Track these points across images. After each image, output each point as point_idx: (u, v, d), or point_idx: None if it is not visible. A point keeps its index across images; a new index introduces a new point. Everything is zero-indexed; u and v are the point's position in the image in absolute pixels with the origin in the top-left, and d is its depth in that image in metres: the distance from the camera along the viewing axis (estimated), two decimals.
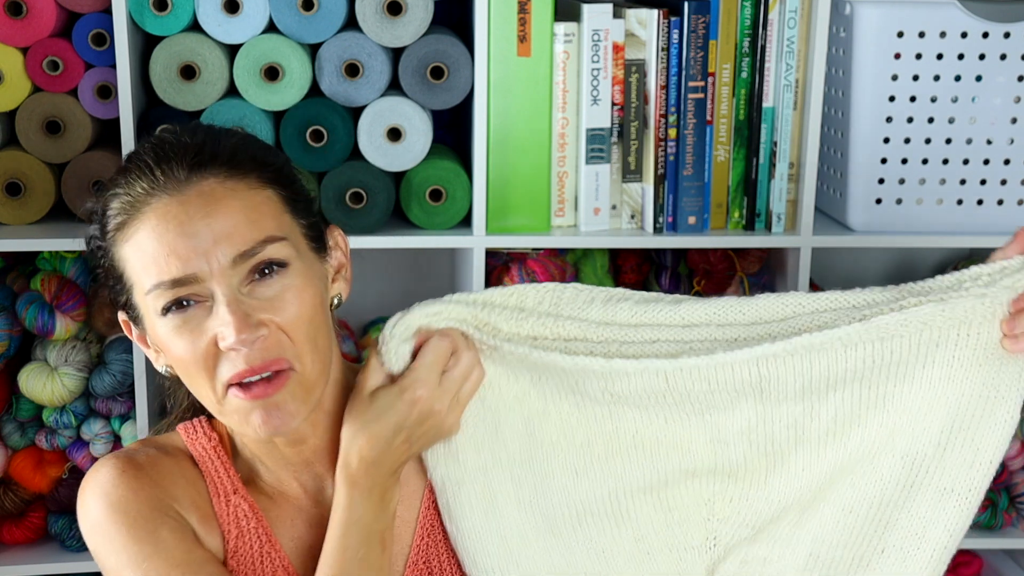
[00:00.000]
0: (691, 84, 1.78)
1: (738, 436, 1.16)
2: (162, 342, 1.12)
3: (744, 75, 1.80)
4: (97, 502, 1.16)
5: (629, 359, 1.12)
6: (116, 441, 1.88)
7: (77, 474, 1.90)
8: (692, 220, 1.83)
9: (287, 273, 1.11)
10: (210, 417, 1.25)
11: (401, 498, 1.22)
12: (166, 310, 1.09)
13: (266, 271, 1.10)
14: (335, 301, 1.21)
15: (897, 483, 1.17)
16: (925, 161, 1.85)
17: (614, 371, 1.13)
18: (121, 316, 1.18)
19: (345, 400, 1.20)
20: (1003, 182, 1.87)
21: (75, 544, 1.90)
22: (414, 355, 1.14)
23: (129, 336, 1.20)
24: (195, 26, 1.73)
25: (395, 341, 1.14)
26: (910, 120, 1.83)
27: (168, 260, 1.08)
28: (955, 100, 1.83)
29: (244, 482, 1.22)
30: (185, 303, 1.09)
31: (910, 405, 1.15)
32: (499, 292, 1.17)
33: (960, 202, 1.87)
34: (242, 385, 1.09)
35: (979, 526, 2.05)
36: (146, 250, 1.09)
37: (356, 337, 2.10)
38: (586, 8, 1.75)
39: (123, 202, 1.11)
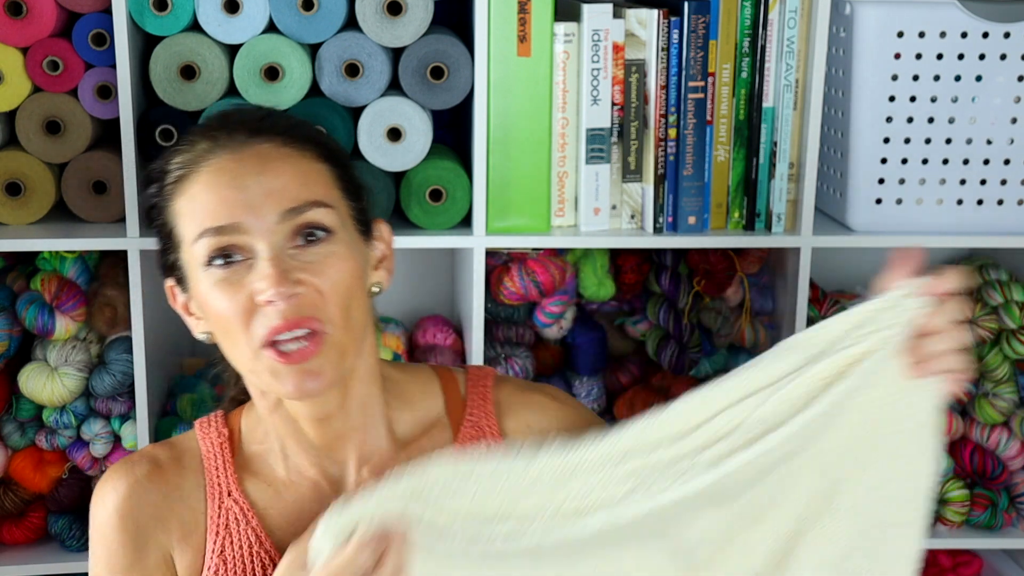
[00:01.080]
0: (691, 84, 1.78)
1: (699, 542, 1.13)
2: (202, 298, 1.14)
3: (744, 75, 1.80)
4: (107, 503, 1.21)
5: (572, 517, 1.10)
6: (116, 441, 1.88)
7: (77, 474, 1.90)
8: (692, 220, 1.83)
9: (331, 240, 1.13)
10: (227, 412, 1.29)
11: None
12: (210, 260, 1.11)
13: (311, 237, 1.12)
14: (375, 289, 1.22)
15: (847, 534, 1.16)
16: (925, 161, 1.85)
17: (556, 546, 1.09)
18: (168, 283, 1.21)
19: (377, 394, 1.21)
20: (1003, 182, 1.87)
21: (75, 544, 1.90)
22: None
23: (173, 305, 1.22)
24: (195, 26, 1.73)
25: (324, 538, 1.07)
26: (910, 120, 1.83)
27: (217, 209, 1.11)
28: (955, 100, 1.83)
29: (250, 473, 1.24)
30: (228, 257, 1.11)
31: (840, 461, 1.13)
32: (427, 480, 1.10)
33: (960, 202, 1.87)
34: (278, 349, 1.10)
35: (979, 526, 2.05)
36: (197, 199, 1.13)
37: None
38: (586, 8, 1.75)
39: (183, 158, 1.15)
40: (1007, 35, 1.81)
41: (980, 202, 1.87)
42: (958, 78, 1.82)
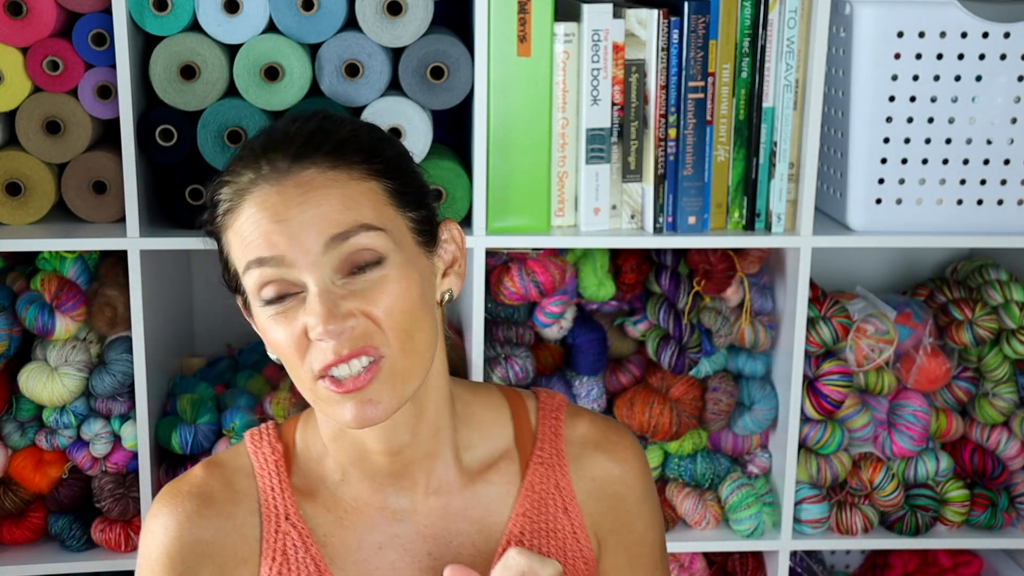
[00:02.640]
0: (691, 84, 1.78)
1: None
2: (262, 328, 1.13)
3: (744, 75, 1.80)
4: (156, 540, 1.18)
5: None
6: (116, 441, 1.88)
7: (77, 474, 1.90)
8: (692, 220, 1.83)
9: (383, 265, 1.10)
10: (277, 423, 1.26)
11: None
12: (264, 299, 1.11)
13: (362, 268, 1.10)
14: (446, 296, 1.18)
15: None
16: (925, 161, 1.85)
17: None
18: (239, 300, 1.20)
19: (448, 418, 1.18)
20: (1003, 182, 1.87)
21: (75, 544, 1.90)
22: None
23: (248, 319, 1.20)
24: (195, 26, 1.73)
25: None
26: (910, 120, 1.83)
27: (260, 242, 1.09)
28: (955, 100, 1.83)
29: (308, 496, 1.20)
30: (281, 297, 1.10)
31: None
32: None
33: (960, 202, 1.87)
34: (333, 379, 1.09)
35: (979, 526, 2.05)
36: (243, 234, 1.11)
37: None
38: (586, 8, 1.75)
39: (230, 190, 1.13)
40: (1007, 35, 1.81)
41: (980, 202, 1.87)
42: (958, 78, 1.82)
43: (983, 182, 1.87)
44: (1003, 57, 1.82)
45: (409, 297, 1.10)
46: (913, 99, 1.83)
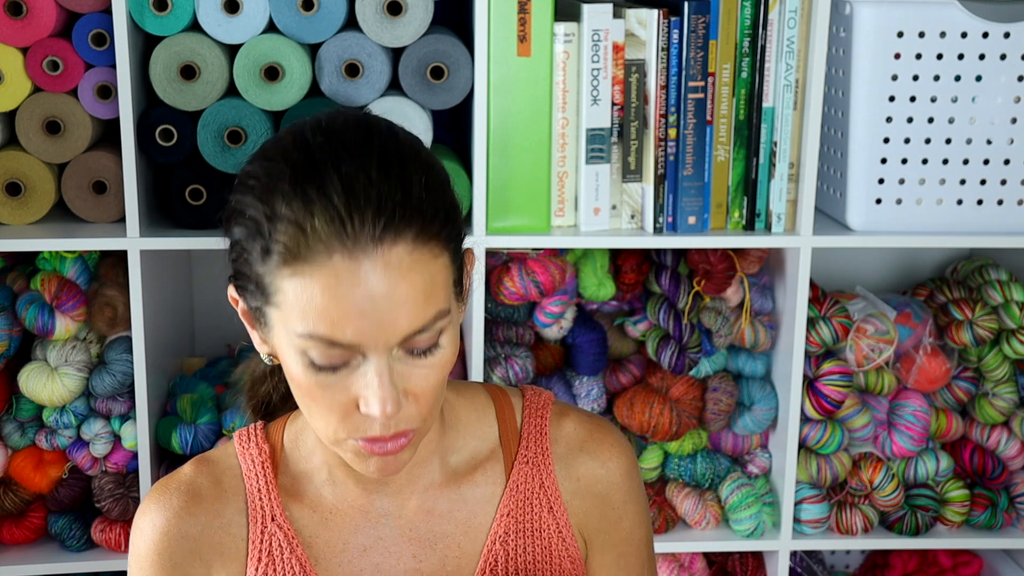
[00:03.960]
0: (691, 84, 1.78)
1: None
2: (288, 369, 1.06)
3: (744, 75, 1.80)
4: (145, 536, 1.17)
5: None
6: (116, 441, 1.88)
7: (77, 474, 1.90)
8: (692, 220, 1.84)
9: (442, 344, 1.06)
10: (267, 421, 1.24)
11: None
12: (312, 364, 1.03)
13: (423, 352, 1.04)
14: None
15: None
16: (925, 161, 1.85)
17: None
18: (231, 291, 1.12)
19: (437, 426, 1.18)
20: (1003, 182, 1.87)
21: (75, 544, 1.90)
22: None
23: (234, 305, 1.13)
24: (195, 26, 1.73)
25: None
26: (910, 120, 1.83)
27: (337, 322, 1.00)
28: (955, 100, 1.83)
29: (294, 496, 1.20)
30: (334, 368, 1.03)
31: None
32: None
33: (960, 202, 1.87)
34: (367, 441, 1.06)
35: (979, 526, 2.05)
36: (314, 301, 1.00)
37: None
38: (586, 8, 1.75)
39: (298, 233, 1.00)
40: (1007, 35, 1.81)
41: (980, 202, 1.87)
42: (958, 78, 1.82)
43: (983, 182, 1.87)
44: (1003, 57, 1.82)
45: (449, 369, 1.08)
46: (913, 99, 1.83)
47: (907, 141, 1.84)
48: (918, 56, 1.80)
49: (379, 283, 0.99)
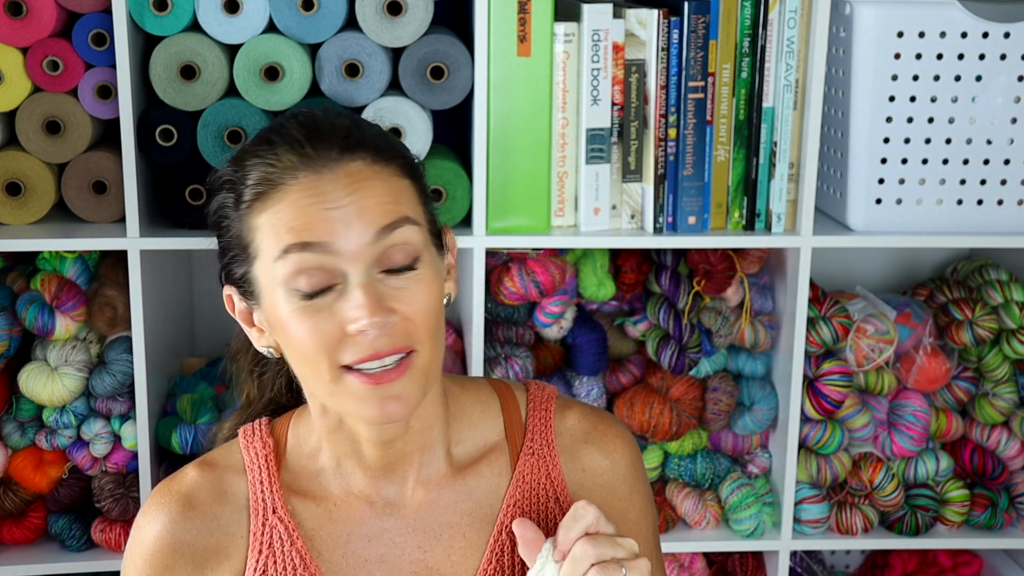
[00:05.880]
0: (691, 84, 1.78)
1: None
2: (280, 320, 1.11)
3: (744, 75, 1.80)
4: (140, 540, 1.19)
5: None
6: (116, 441, 1.88)
7: (77, 474, 1.90)
8: (692, 220, 1.84)
9: (420, 264, 1.11)
10: (272, 417, 1.26)
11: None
12: (298, 291, 1.08)
13: (398, 269, 1.09)
14: (446, 300, 1.19)
15: None
16: (925, 161, 1.85)
17: None
18: (226, 291, 1.18)
19: (441, 414, 1.19)
20: (1003, 182, 1.87)
21: (75, 544, 1.90)
22: None
23: (230, 312, 1.19)
24: (195, 26, 1.73)
25: None
26: (910, 120, 1.83)
27: (307, 226, 1.08)
28: (955, 100, 1.83)
29: (297, 490, 1.21)
30: (315, 292, 1.08)
31: None
32: None
33: (960, 202, 1.87)
34: (362, 372, 1.08)
35: (979, 526, 2.05)
36: (284, 218, 1.09)
37: None
38: (586, 8, 1.75)
39: (267, 172, 1.11)
40: (1007, 35, 1.81)
41: (980, 202, 1.87)
42: (958, 78, 1.82)
43: (983, 182, 1.87)
44: (1003, 57, 1.82)
45: (437, 297, 1.12)
46: (913, 99, 1.83)
47: (907, 141, 1.84)
48: (918, 56, 1.80)
49: (343, 189, 1.09)
